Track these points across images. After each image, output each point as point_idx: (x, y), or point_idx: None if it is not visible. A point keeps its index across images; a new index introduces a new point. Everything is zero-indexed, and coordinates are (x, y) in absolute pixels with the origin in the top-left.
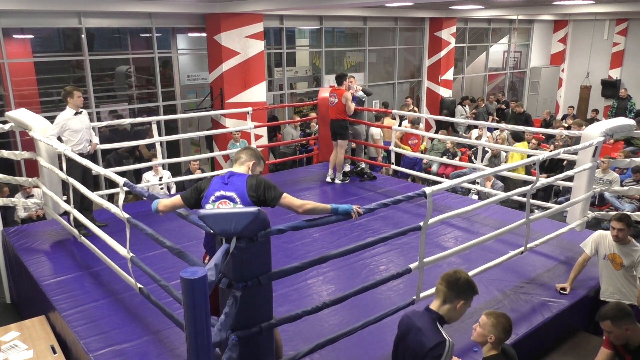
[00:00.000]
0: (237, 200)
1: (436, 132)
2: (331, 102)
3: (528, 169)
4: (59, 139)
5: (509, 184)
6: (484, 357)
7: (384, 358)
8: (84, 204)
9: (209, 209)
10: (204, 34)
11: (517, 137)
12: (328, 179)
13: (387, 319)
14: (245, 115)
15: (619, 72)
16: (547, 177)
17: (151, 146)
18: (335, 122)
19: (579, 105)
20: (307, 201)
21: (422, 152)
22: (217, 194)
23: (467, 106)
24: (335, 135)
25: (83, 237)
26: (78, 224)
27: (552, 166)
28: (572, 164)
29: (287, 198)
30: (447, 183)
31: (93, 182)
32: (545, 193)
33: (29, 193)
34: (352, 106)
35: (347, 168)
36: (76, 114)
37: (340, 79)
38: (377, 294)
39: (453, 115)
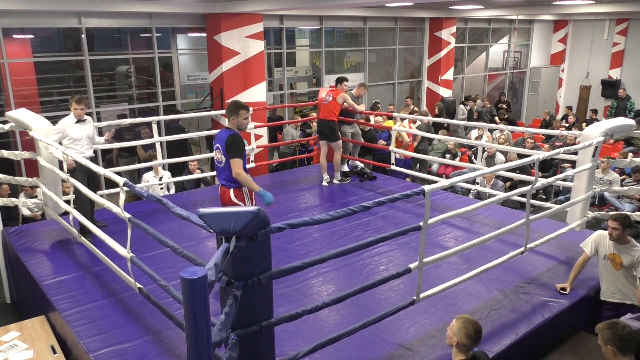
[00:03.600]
0: (220, 150)
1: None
2: (325, 100)
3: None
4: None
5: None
6: None
7: (384, 358)
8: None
9: (214, 155)
10: (204, 34)
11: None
12: (324, 183)
13: (387, 319)
14: None
15: (619, 72)
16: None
17: (148, 147)
18: (324, 122)
19: (578, 105)
20: (244, 174)
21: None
22: (216, 145)
23: (469, 106)
24: (322, 135)
25: (83, 237)
26: (85, 232)
27: (545, 167)
28: (567, 163)
29: (235, 162)
30: (445, 181)
31: (97, 186)
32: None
33: (31, 194)
34: (357, 106)
35: (346, 168)
36: (78, 121)
37: (338, 81)
38: (377, 294)
39: (452, 115)
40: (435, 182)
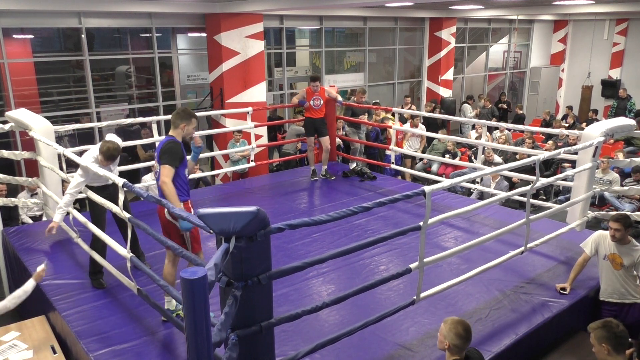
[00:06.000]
0: (156, 158)
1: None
2: None
3: None
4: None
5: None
6: None
7: (384, 358)
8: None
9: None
10: (204, 34)
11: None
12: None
13: (387, 319)
14: (245, 115)
15: (619, 72)
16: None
17: (147, 147)
18: None
19: (580, 105)
20: (170, 185)
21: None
22: (156, 153)
23: (470, 106)
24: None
25: (80, 239)
26: (96, 271)
27: (546, 167)
28: (567, 163)
29: (164, 169)
30: (446, 182)
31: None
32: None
33: (33, 191)
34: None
35: (354, 165)
36: None
37: None
38: (377, 294)
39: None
40: (436, 182)
